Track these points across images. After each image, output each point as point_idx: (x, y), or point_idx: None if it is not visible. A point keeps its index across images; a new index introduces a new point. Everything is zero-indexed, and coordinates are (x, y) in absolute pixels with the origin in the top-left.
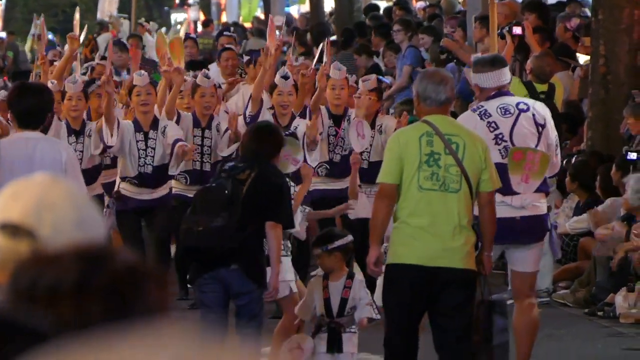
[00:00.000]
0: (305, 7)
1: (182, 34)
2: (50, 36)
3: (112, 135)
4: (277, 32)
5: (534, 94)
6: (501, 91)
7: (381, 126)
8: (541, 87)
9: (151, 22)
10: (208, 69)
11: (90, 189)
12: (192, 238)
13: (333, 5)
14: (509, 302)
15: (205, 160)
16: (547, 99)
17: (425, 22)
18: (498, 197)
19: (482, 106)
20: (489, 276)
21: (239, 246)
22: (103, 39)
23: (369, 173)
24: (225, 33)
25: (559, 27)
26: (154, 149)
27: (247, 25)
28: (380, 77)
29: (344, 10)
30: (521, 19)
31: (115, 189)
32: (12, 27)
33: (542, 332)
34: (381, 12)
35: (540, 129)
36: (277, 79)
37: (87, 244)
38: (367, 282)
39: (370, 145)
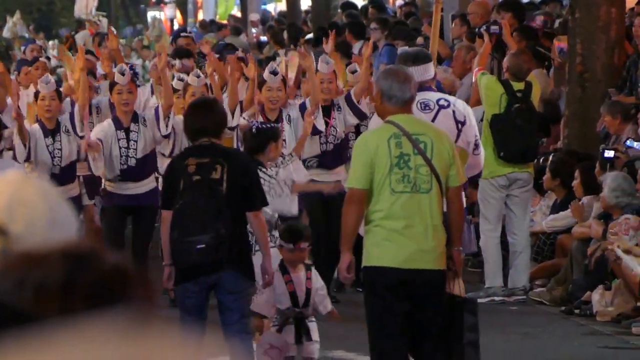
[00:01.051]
0: (282, 5)
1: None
2: (25, 35)
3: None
4: (253, 30)
5: (511, 92)
6: (423, 86)
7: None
8: (518, 85)
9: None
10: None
11: (67, 189)
12: (193, 257)
13: (310, 4)
14: (480, 300)
15: None
16: (524, 97)
17: (402, 19)
18: None
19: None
20: (464, 274)
21: (235, 249)
22: (81, 37)
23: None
24: (182, 34)
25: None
26: (136, 141)
27: (224, 22)
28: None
29: (320, 8)
30: (495, 17)
31: (102, 187)
32: None
33: (519, 331)
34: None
35: (459, 125)
36: (266, 74)
37: (72, 243)
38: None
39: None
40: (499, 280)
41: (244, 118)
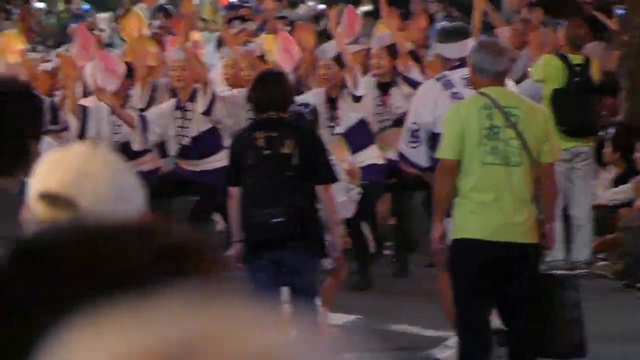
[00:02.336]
0: None
1: None
2: (85, 6)
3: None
4: (310, 3)
5: (569, 67)
6: (464, 62)
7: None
8: (576, 59)
9: None
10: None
11: (139, 163)
12: (268, 231)
13: None
14: (562, 271)
15: None
16: (584, 71)
17: None
18: None
19: (445, 76)
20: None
21: (307, 223)
22: (139, 9)
23: None
24: (245, 4)
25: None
26: (190, 120)
27: None
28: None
29: None
30: None
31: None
32: None
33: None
34: None
35: None
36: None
37: (136, 217)
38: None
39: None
40: (561, 254)
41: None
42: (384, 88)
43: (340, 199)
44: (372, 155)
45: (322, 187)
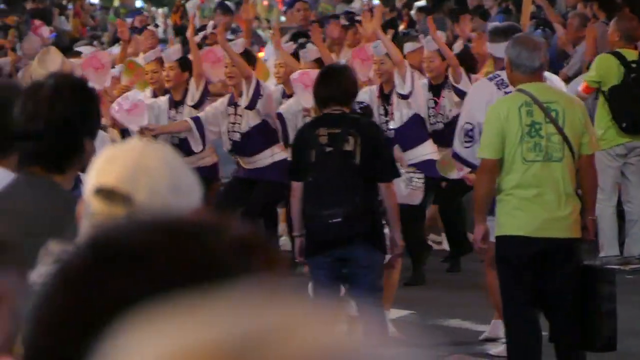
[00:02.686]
0: None
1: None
2: (139, 2)
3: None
4: None
5: (625, 63)
6: None
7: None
8: (631, 55)
9: None
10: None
11: (198, 159)
12: (328, 231)
13: None
14: (615, 266)
15: None
16: (639, 67)
17: None
18: None
19: (499, 75)
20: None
21: (368, 222)
22: (191, 5)
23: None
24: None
25: None
26: (241, 116)
27: None
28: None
29: None
30: None
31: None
32: None
33: (634, 299)
34: None
35: None
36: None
37: (194, 213)
38: None
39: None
40: (614, 250)
41: None
42: (436, 90)
43: (404, 191)
44: (428, 151)
45: (385, 184)
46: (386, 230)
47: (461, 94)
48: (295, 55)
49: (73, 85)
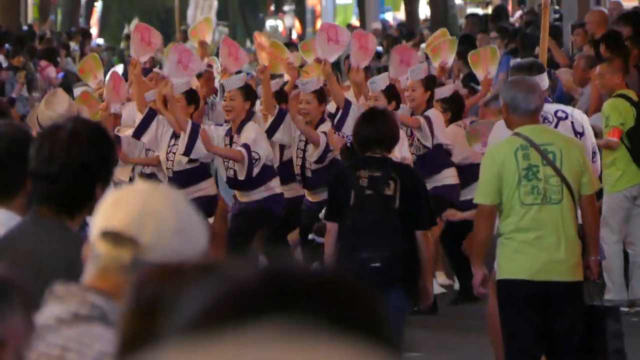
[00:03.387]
0: (401, 15)
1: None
2: None
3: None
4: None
5: (634, 104)
6: (546, 98)
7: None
8: (634, 95)
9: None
10: None
11: (198, 189)
12: (368, 274)
13: (428, 12)
14: (623, 309)
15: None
16: None
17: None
18: None
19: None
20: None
21: (406, 267)
22: (189, 46)
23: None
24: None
25: None
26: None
27: None
28: (473, 85)
29: (439, 16)
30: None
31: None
32: (107, 33)
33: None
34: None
35: (579, 136)
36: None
37: (203, 257)
38: None
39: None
40: (623, 293)
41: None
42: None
43: None
44: (448, 175)
45: (422, 232)
46: None
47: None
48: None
49: (91, 131)
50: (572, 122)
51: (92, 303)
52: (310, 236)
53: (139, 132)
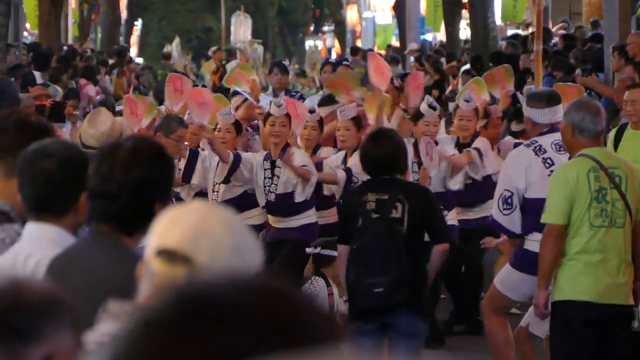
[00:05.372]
0: (441, 35)
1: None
2: (186, 62)
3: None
4: (412, 59)
5: None
6: (554, 127)
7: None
8: None
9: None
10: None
11: (248, 216)
12: (370, 300)
13: (469, 34)
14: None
15: None
16: None
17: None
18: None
19: (537, 142)
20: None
21: (412, 290)
22: (231, 66)
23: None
24: (344, 62)
25: None
26: (278, 177)
27: (382, 53)
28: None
29: (480, 38)
30: None
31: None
32: (146, 53)
33: None
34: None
35: None
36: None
37: (252, 275)
38: None
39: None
40: None
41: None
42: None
43: None
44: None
45: (438, 246)
46: None
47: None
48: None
49: (150, 149)
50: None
51: None
52: (310, 250)
53: (187, 176)
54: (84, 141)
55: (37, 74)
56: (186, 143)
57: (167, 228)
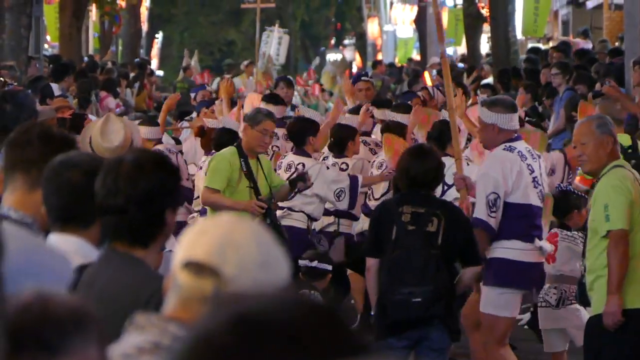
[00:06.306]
0: (462, 49)
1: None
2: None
3: None
4: (434, 72)
5: (623, 152)
6: (519, 135)
7: None
8: (625, 140)
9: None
10: None
11: None
12: (409, 310)
13: (490, 47)
14: None
15: None
16: (634, 152)
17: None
18: (536, 243)
19: (515, 147)
20: None
21: (447, 304)
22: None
23: None
24: (362, 78)
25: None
26: None
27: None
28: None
29: (501, 51)
30: None
31: None
32: (167, 66)
33: None
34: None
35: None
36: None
37: (286, 289)
38: None
39: None
40: None
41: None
42: None
43: None
44: None
45: (472, 267)
46: None
47: None
48: None
49: (153, 160)
50: (540, 162)
51: (174, 334)
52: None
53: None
54: (97, 153)
55: (54, 86)
56: None
57: (195, 240)
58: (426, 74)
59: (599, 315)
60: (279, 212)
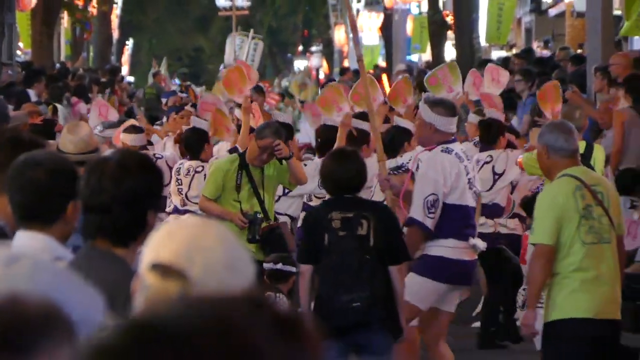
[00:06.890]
0: (427, 56)
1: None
2: (176, 81)
3: None
4: (399, 77)
5: None
6: (455, 137)
7: None
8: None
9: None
10: None
11: None
12: (347, 316)
13: (455, 55)
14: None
15: None
16: (584, 160)
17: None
18: (470, 241)
19: (452, 149)
20: None
21: (386, 306)
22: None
23: None
24: (330, 84)
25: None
26: None
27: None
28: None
29: (466, 59)
30: (635, 71)
31: None
32: (137, 71)
33: None
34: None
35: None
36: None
37: (249, 291)
38: None
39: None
40: None
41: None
42: None
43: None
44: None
45: (395, 267)
46: None
47: None
48: None
49: (138, 161)
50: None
51: None
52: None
53: None
54: (60, 147)
55: (31, 92)
56: None
57: (162, 242)
58: (384, 77)
59: (547, 324)
60: None
